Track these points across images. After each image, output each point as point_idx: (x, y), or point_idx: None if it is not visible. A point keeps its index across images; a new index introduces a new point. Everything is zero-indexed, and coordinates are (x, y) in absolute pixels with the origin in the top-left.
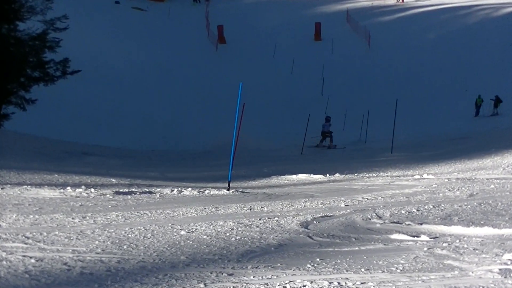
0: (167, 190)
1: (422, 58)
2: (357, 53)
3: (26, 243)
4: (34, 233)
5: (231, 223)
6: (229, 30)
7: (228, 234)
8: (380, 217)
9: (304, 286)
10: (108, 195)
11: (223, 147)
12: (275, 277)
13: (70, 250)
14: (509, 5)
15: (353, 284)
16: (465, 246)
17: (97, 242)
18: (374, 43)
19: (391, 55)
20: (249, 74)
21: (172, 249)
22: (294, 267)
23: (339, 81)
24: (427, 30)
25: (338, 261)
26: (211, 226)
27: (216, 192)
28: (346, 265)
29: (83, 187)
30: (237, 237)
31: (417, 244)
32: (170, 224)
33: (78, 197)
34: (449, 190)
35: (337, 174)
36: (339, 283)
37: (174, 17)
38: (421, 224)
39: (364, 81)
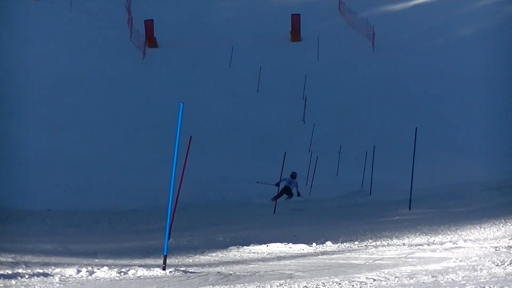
0: (71, 271)
1: (450, 65)
2: (355, 60)
3: None
4: None
5: None
6: (162, 27)
7: None
8: None
9: None
10: None
11: (157, 202)
12: None
13: None
14: None
15: None
16: None
17: None
18: (380, 44)
19: (404, 61)
20: (194, 92)
21: None
22: None
23: (328, 101)
24: (458, 23)
25: None
26: None
27: (146, 273)
28: None
29: None
30: None
31: None
32: None
33: None
34: (498, 265)
35: (328, 243)
36: None
37: (79, 7)
38: None
39: (365, 101)
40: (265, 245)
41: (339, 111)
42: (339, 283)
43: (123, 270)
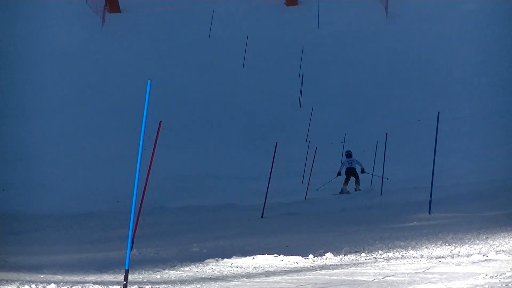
0: None
1: (482, 35)
2: (364, 29)
3: None
4: None
5: None
6: None
7: None
8: None
9: None
10: None
11: (117, 205)
12: None
13: None
14: None
15: None
16: None
17: None
18: (396, 10)
19: (425, 31)
20: (165, 68)
21: None
22: None
23: (330, 80)
24: None
25: None
26: None
27: None
28: None
29: None
30: None
31: None
32: None
33: None
34: None
35: (328, 255)
36: None
37: None
38: None
39: (375, 80)
40: (251, 258)
41: (343, 92)
42: None
43: None
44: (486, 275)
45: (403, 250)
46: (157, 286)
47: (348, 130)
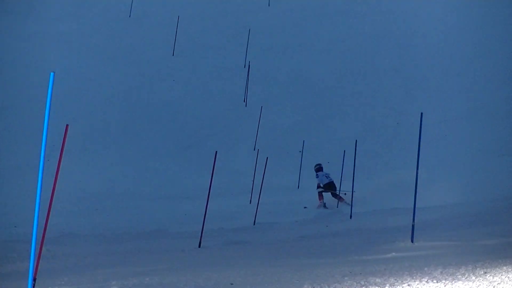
0: None
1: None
2: (327, 6)
3: None
4: None
5: None
6: None
7: None
8: None
9: None
10: None
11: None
12: None
13: None
14: None
15: None
16: None
17: None
18: None
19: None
20: (71, 55)
21: None
22: None
23: (284, 71)
24: None
25: None
26: None
27: None
28: None
29: None
30: None
31: None
32: None
33: None
34: None
35: None
36: None
37: None
38: None
39: (342, 72)
40: None
41: (301, 87)
42: None
43: None
44: None
45: None
46: None
47: (307, 136)
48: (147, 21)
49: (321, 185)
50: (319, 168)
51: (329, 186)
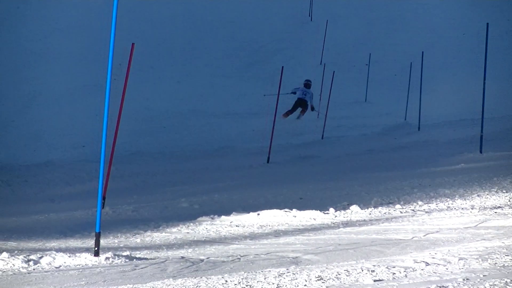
0: None
1: None
2: None
3: None
4: None
5: None
6: None
7: None
8: None
9: None
10: None
11: (82, 151)
12: None
13: None
14: None
15: None
16: None
17: None
18: None
19: None
20: None
21: None
22: None
23: None
24: None
25: None
26: None
27: (69, 262)
28: None
29: None
30: None
31: None
32: None
33: None
34: None
35: (354, 208)
36: None
37: None
38: None
39: None
40: (255, 214)
41: (366, 0)
42: (373, 270)
43: (32, 257)
44: None
45: (448, 199)
46: (137, 252)
47: (373, 49)
48: None
49: (296, 92)
50: (306, 84)
51: (299, 102)
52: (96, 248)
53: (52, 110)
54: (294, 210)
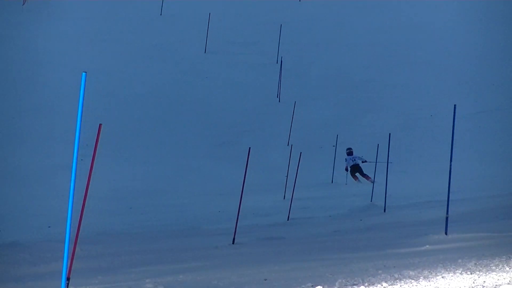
0: None
1: None
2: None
3: None
4: None
5: None
6: None
7: None
8: None
9: None
10: None
11: (48, 232)
12: None
13: None
14: None
15: None
16: None
17: None
18: None
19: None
20: (105, 55)
21: None
22: None
23: (316, 67)
24: None
25: None
26: None
27: None
28: None
29: None
30: None
31: None
32: None
33: None
34: None
35: None
36: None
37: None
38: None
39: (373, 65)
40: None
41: (333, 82)
42: None
43: None
44: None
45: (413, 281)
46: None
47: (341, 130)
48: (179, 18)
49: (348, 168)
50: (349, 153)
51: (354, 168)
52: None
53: (19, 190)
54: None
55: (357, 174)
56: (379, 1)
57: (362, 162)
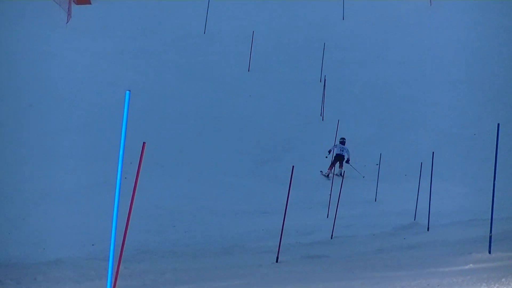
0: None
1: None
2: (403, 18)
3: None
4: None
5: None
6: None
7: None
8: None
9: None
10: None
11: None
12: None
13: None
14: None
15: None
16: None
17: None
18: None
19: (478, 18)
20: (148, 73)
21: None
22: None
23: (359, 85)
24: None
25: None
26: None
27: None
28: None
29: None
30: None
31: None
32: None
33: None
34: None
35: None
36: None
37: None
38: None
39: (417, 83)
40: None
41: (376, 100)
42: None
43: None
44: None
45: None
46: None
47: (383, 148)
48: (222, 37)
49: (332, 152)
50: (342, 142)
51: (338, 157)
52: None
53: (62, 208)
54: None
55: (337, 165)
56: (421, 20)
57: (347, 159)
